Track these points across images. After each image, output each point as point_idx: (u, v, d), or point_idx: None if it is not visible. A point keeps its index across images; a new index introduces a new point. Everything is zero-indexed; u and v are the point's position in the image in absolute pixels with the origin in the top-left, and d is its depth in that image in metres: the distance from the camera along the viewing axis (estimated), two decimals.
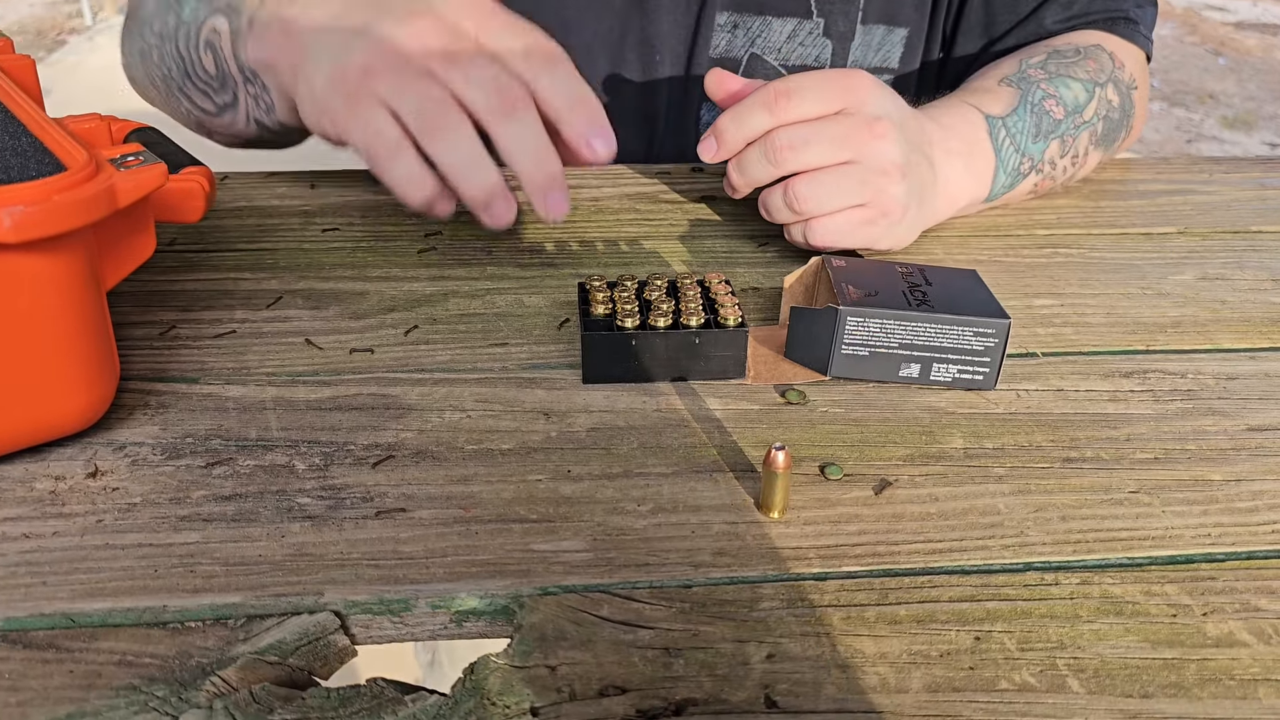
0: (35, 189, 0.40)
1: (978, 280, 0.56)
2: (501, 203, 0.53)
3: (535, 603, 0.39)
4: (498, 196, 0.52)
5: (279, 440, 0.48)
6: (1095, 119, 0.74)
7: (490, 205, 0.52)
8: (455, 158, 0.50)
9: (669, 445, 0.48)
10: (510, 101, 0.50)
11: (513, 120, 0.50)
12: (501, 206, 0.53)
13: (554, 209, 0.53)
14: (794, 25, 0.81)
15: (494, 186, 0.52)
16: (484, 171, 0.51)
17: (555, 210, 0.53)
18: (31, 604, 0.38)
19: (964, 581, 0.41)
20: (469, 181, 0.51)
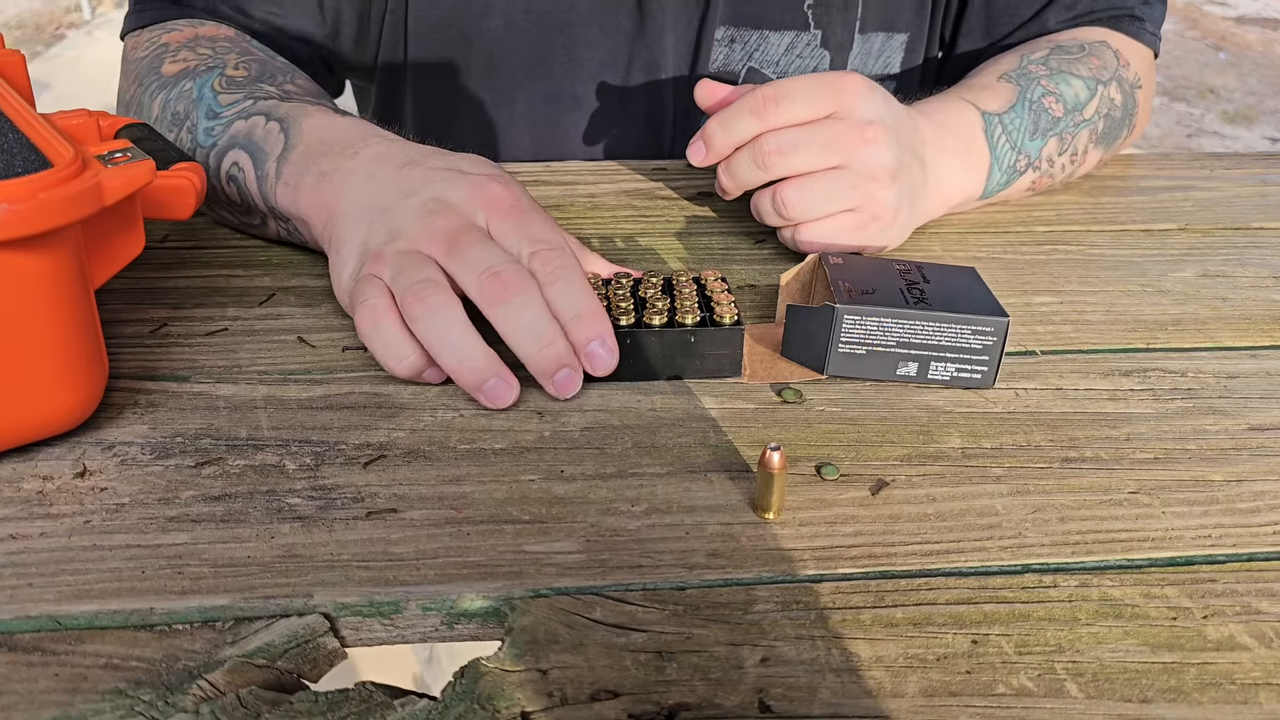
0: (20, 186, 0.40)
1: (976, 278, 0.56)
2: (495, 385, 0.49)
3: (527, 605, 0.39)
4: (485, 376, 0.48)
5: (270, 440, 0.47)
6: (1096, 117, 0.74)
7: (481, 387, 0.49)
8: (434, 331, 0.48)
9: (663, 445, 0.48)
10: (505, 286, 0.48)
11: (507, 304, 0.48)
12: (497, 389, 0.49)
13: (562, 390, 0.50)
14: (791, 38, 0.81)
15: (477, 364, 0.48)
16: (466, 348, 0.48)
17: (564, 390, 0.50)
18: (17, 606, 0.38)
19: (961, 584, 0.40)
20: (449, 357, 0.48)
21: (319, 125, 0.60)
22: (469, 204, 0.52)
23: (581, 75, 0.81)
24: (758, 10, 0.80)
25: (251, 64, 0.68)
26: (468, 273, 0.49)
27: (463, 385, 0.49)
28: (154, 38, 0.73)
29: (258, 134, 0.61)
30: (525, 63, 0.81)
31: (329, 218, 0.56)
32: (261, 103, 0.63)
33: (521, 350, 0.49)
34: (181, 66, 0.68)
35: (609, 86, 0.82)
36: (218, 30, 0.73)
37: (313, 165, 0.58)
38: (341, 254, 0.54)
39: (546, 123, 0.83)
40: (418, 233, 0.51)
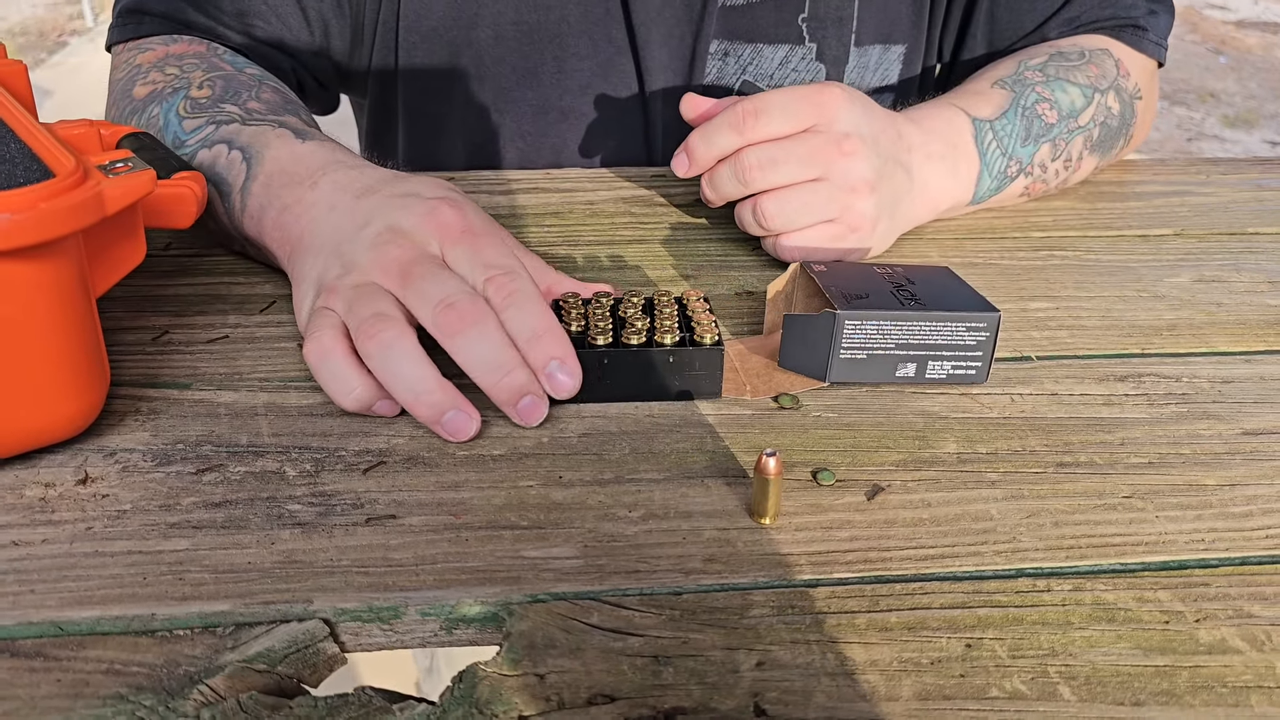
0: (22, 196, 0.40)
1: (954, 276, 0.56)
2: (454, 417, 0.47)
3: (525, 610, 0.39)
4: (443, 409, 0.47)
5: (270, 446, 0.48)
6: (1091, 124, 0.74)
7: (440, 421, 0.47)
8: (388, 367, 0.47)
9: (661, 451, 0.48)
10: (461, 317, 0.47)
11: (464, 335, 0.47)
12: (455, 421, 0.47)
13: (526, 418, 0.48)
14: (786, 51, 0.81)
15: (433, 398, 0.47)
16: (421, 381, 0.47)
17: (528, 418, 0.48)
18: (19, 612, 0.38)
19: (955, 588, 0.41)
20: (405, 391, 0.47)
21: (279, 155, 0.60)
22: (421, 231, 0.52)
23: (571, 87, 0.82)
24: (751, 24, 0.80)
25: (216, 81, 0.67)
26: (423, 305, 0.49)
27: (421, 420, 0.48)
28: (130, 57, 0.73)
29: (220, 165, 0.61)
30: (515, 73, 0.81)
31: (291, 251, 0.56)
32: (223, 128, 0.63)
33: (482, 382, 0.48)
34: (150, 89, 0.68)
35: (599, 98, 0.82)
36: (188, 47, 0.72)
37: (275, 199, 0.58)
38: (300, 288, 0.54)
39: (535, 134, 0.84)
40: (370, 264, 0.51)
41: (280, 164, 0.59)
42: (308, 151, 0.60)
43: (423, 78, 0.82)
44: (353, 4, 0.79)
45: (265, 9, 0.75)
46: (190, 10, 0.74)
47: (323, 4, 0.77)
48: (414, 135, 0.86)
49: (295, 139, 0.61)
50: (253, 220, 0.59)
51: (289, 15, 0.76)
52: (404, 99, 0.84)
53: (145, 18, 0.74)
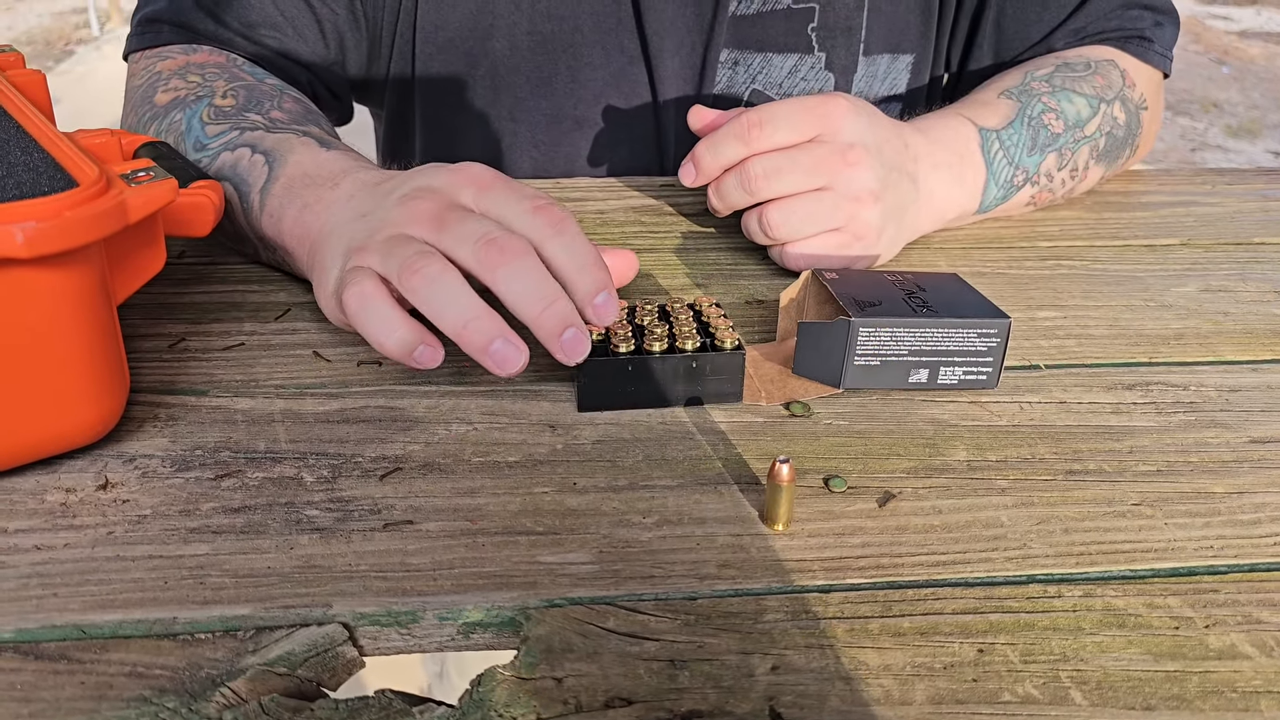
0: (47, 205, 0.41)
1: (963, 283, 0.57)
2: (501, 347, 0.46)
3: (542, 615, 0.39)
4: (492, 336, 0.46)
5: (287, 452, 0.48)
6: (1097, 134, 0.75)
7: (488, 349, 0.46)
8: (436, 298, 0.46)
9: (674, 457, 0.48)
10: (502, 250, 0.47)
11: (507, 268, 0.46)
12: (504, 352, 0.46)
13: (571, 351, 0.47)
14: (795, 60, 0.82)
15: (482, 324, 0.46)
16: (470, 309, 0.46)
17: (573, 353, 0.47)
18: (43, 615, 0.39)
19: (967, 594, 0.41)
20: (454, 319, 0.46)
21: (302, 159, 0.60)
22: (452, 185, 0.51)
23: (585, 96, 0.83)
24: (761, 34, 0.81)
25: (239, 91, 0.68)
26: (461, 244, 0.48)
27: (468, 348, 0.46)
28: (149, 65, 0.74)
29: (242, 166, 0.62)
30: (529, 83, 0.82)
31: (312, 246, 0.56)
32: (247, 134, 0.64)
33: (525, 313, 0.47)
34: (172, 96, 0.69)
35: (612, 107, 0.83)
36: (209, 57, 0.73)
37: (295, 197, 0.58)
38: (325, 267, 0.53)
39: (549, 143, 0.84)
40: (401, 218, 0.50)
41: (303, 167, 0.60)
42: (331, 158, 0.60)
43: (439, 88, 0.83)
44: (369, 17, 0.80)
45: (282, 21, 0.76)
46: (209, 21, 0.75)
47: (339, 17, 0.78)
48: (431, 145, 0.86)
49: (319, 146, 0.62)
50: (271, 220, 0.60)
51: (305, 28, 0.77)
52: (421, 109, 0.85)
53: (165, 27, 0.75)
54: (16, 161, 0.45)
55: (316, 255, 0.55)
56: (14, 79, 0.58)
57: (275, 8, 0.76)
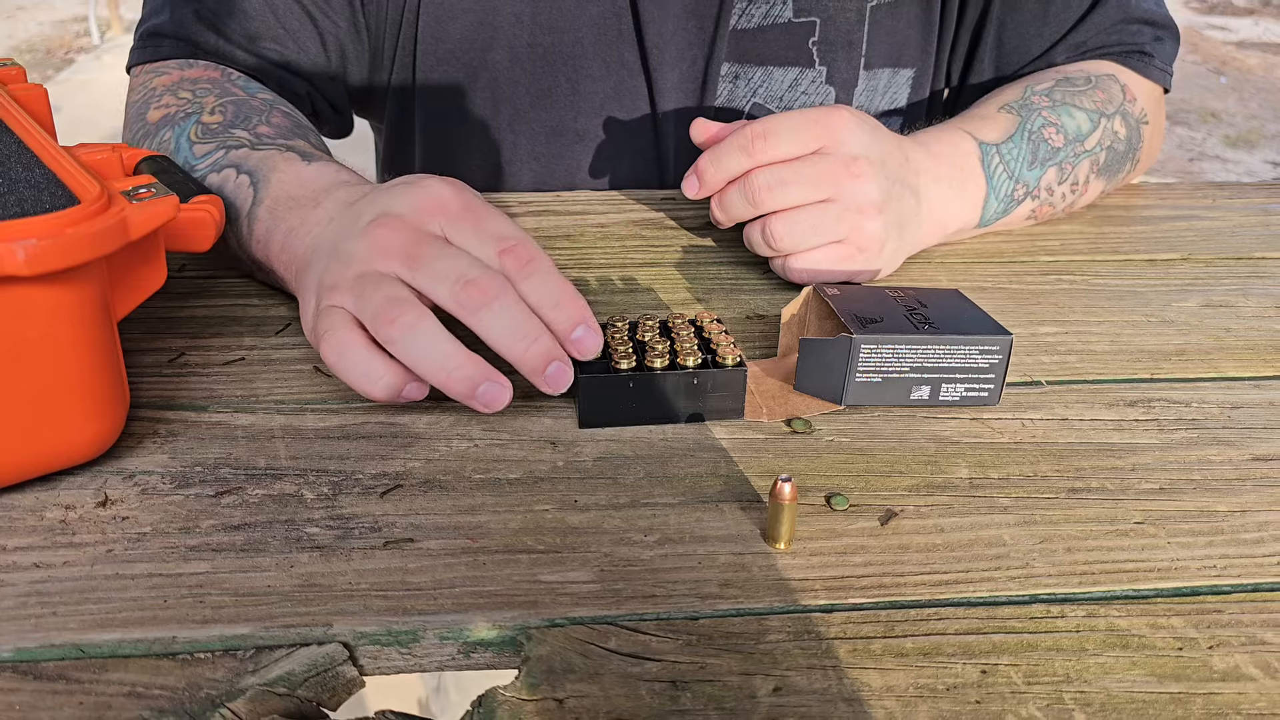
0: (48, 222, 0.41)
1: (965, 299, 0.57)
2: (489, 389, 0.47)
3: (543, 634, 0.39)
4: (477, 382, 0.47)
5: (288, 469, 0.48)
6: (1098, 148, 0.75)
7: (475, 395, 0.47)
8: (415, 349, 0.46)
9: (675, 475, 0.48)
10: (481, 292, 0.47)
11: (488, 309, 0.47)
12: (490, 393, 0.47)
13: (555, 384, 0.48)
14: (796, 74, 0.82)
15: (465, 372, 0.47)
16: (451, 358, 0.46)
17: (558, 386, 0.48)
18: (42, 634, 0.39)
19: (970, 614, 0.41)
20: (436, 371, 0.46)
21: (285, 179, 0.60)
22: (418, 212, 0.51)
23: (585, 108, 0.83)
24: (762, 47, 0.81)
25: (228, 107, 0.68)
26: (438, 284, 0.48)
27: (455, 396, 0.47)
28: (146, 80, 0.74)
29: (229, 189, 0.62)
30: (529, 95, 0.82)
31: (297, 271, 0.57)
32: (233, 153, 0.63)
33: (510, 352, 0.47)
34: (163, 114, 0.69)
35: (612, 120, 0.83)
36: (203, 72, 0.73)
37: (280, 222, 0.58)
38: (304, 298, 0.54)
39: (550, 155, 0.84)
40: (369, 251, 0.49)
41: (285, 188, 0.60)
42: (313, 174, 0.60)
43: (440, 100, 0.83)
44: (371, 29, 0.80)
45: (283, 33, 0.76)
46: (210, 34, 0.75)
47: (340, 30, 0.78)
48: (431, 157, 0.86)
49: (301, 161, 0.62)
50: (260, 245, 0.60)
51: (307, 40, 0.77)
52: (421, 121, 0.85)
53: (164, 41, 0.75)
54: (18, 178, 0.45)
55: (299, 282, 0.56)
56: (15, 93, 0.58)
57: (276, 20, 0.76)
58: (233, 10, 0.75)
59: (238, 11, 0.75)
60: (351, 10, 0.78)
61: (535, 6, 0.79)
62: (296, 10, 0.76)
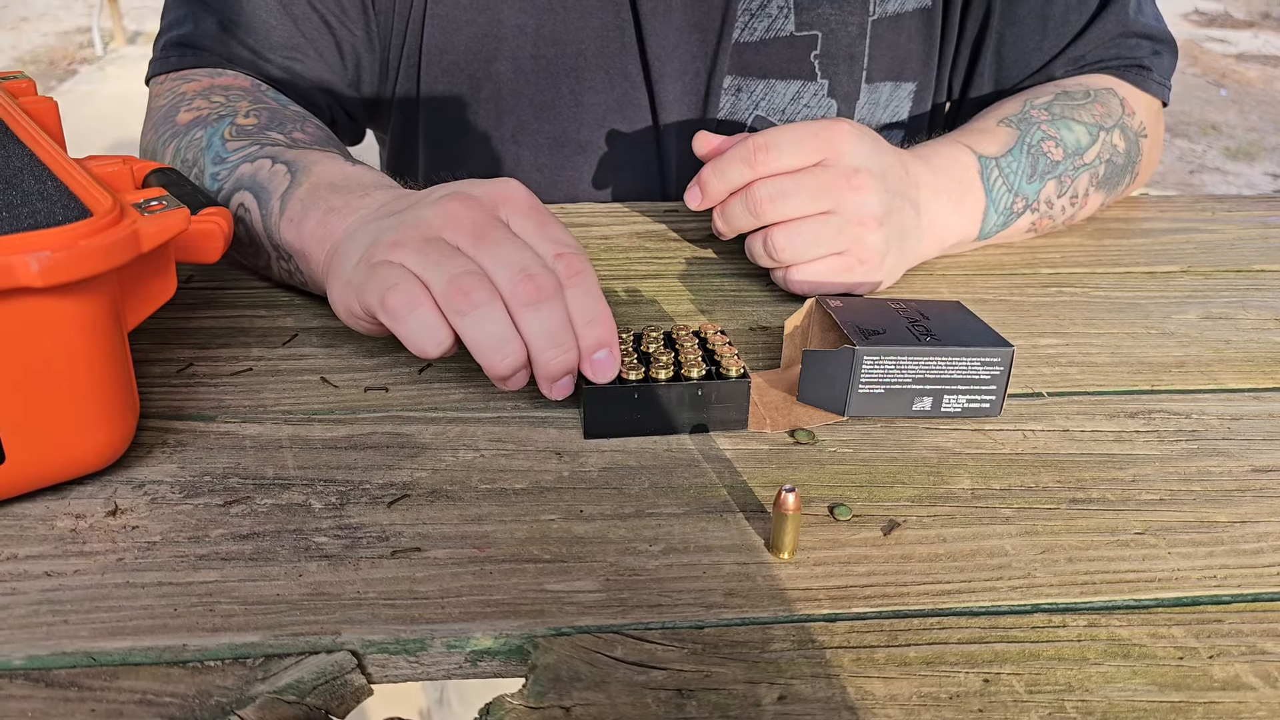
0: (61, 234, 0.41)
1: (967, 311, 0.57)
2: (523, 375, 0.50)
3: (549, 643, 0.40)
4: (517, 367, 0.49)
5: (296, 479, 0.48)
6: (1097, 162, 0.75)
7: (509, 378, 0.50)
8: (483, 336, 0.48)
9: (679, 485, 0.49)
10: (538, 289, 0.49)
11: (536, 309, 0.49)
12: (521, 378, 0.50)
13: (560, 394, 0.51)
14: (798, 87, 0.83)
15: (513, 359, 0.49)
16: (511, 353, 0.49)
17: (561, 394, 0.51)
18: (53, 642, 0.39)
19: (972, 623, 0.41)
20: (494, 360, 0.49)
21: (328, 170, 0.61)
22: (491, 198, 0.52)
23: (588, 120, 0.83)
24: (764, 61, 0.82)
25: (262, 112, 0.69)
26: (500, 268, 0.49)
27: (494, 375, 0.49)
28: (174, 86, 0.75)
29: (263, 175, 0.62)
30: (532, 106, 0.83)
31: (334, 245, 0.57)
32: (268, 148, 0.65)
33: (539, 354, 0.49)
34: (194, 115, 0.70)
35: (615, 132, 0.84)
36: (234, 80, 0.75)
37: (320, 201, 0.59)
38: (344, 256, 0.54)
39: (552, 166, 0.85)
40: (440, 219, 0.51)
41: (328, 176, 0.60)
42: (359, 171, 0.61)
43: (444, 110, 0.83)
44: (381, 38, 0.81)
45: (304, 43, 0.77)
46: (232, 44, 0.76)
47: (357, 39, 0.79)
48: (434, 167, 0.87)
49: (345, 160, 0.63)
50: (291, 224, 0.60)
51: (326, 50, 0.78)
52: (425, 131, 0.85)
53: (189, 50, 0.76)
54: (30, 190, 0.45)
55: (337, 251, 0.56)
56: (26, 106, 0.59)
57: (298, 30, 0.77)
58: (255, 21, 0.76)
59: (260, 22, 0.76)
60: (366, 19, 0.79)
61: (539, 19, 0.80)
62: (315, 19, 0.77)
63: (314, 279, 0.60)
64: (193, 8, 0.77)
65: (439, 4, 0.79)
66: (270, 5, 0.76)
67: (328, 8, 0.77)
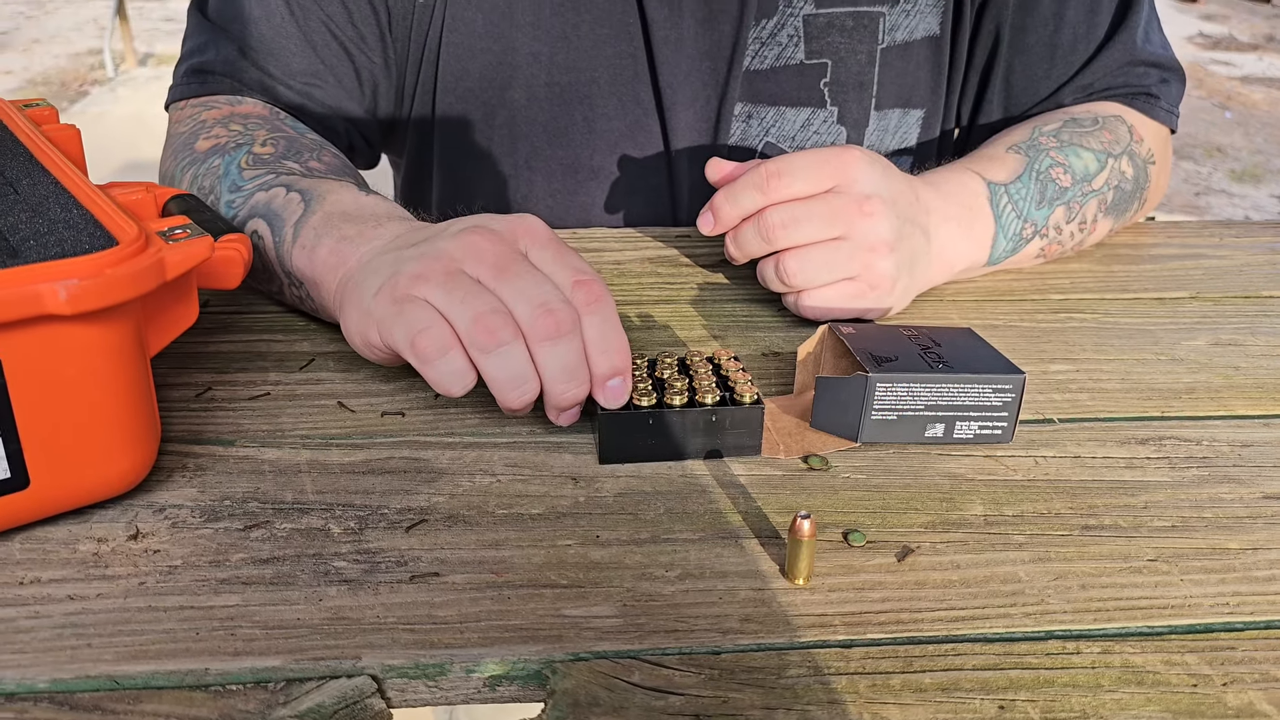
0: (89, 263, 0.42)
1: (977, 338, 0.58)
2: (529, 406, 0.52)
3: (568, 668, 0.40)
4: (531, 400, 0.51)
5: (314, 503, 0.49)
6: (1105, 188, 0.76)
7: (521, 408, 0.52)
8: (505, 374, 0.50)
9: (694, 511, 0.49)
10: (556, 325, 0.50)
11: (554, 344, 0.50)
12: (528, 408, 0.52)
13: (566, 421, 0.53)
14: (808, 114, 0.84)
15: (530, 397, 0.51)
16: (529, 390, 0.51)
17: (567, 422, 0.53)
18: (77, 666, 0.40)
19: (987, 649, 0.42)
20: (511, 396, 0.50)
21: (342, 199, 0.62)
22: (511, 231, 0.53)
23: (600, 146, 0.84)
24: (775, 88, 0.83)
25: (279, 141, 0.70)
26: (521, 302, 0.50)
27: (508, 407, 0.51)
28: (194, 113, 0.76)
29: (277, 202, 0.63)
30: (546, 132, 0.83)
31: (347, 273, 0.57)
32: (283, 176, 0.66)
33: (552, 385, 0.51)
34: (213, 143, 0.71)
35: (627, 157, 0.85)
36: (253, 108, 0.76)
37: (333, 229, 0.60)
38: (360, 285, 0.54)
39: (565, 192, 0.86)
40: (462, 251, 0.52)
41: (342, 205, 0.61)
42: (373, 201, 0.62)
43: (458, 136, 0.84)
44: (398, 65, 0.82)
45: (323, 69, 0.78)
46: (251, 70, 0.77)
47: (374, 65, 0.81)
48: (448, 192, 0.88)
49: (359, 190, 0.64)
50: (304, 251, 0.61)
51: (345, 76, 0.79)
52: (439, 156, 0.86)
53: (210, 77, 0.77)
54: (56, 218, 0.46)
55: (351, 280, 0.56)
56: (49, 134, 0.60)
57: (317, 56, 0.78)
58: (274, 47, 0.77)
59: (279, 49, 0.77)
60: (384, 46, 0.81)
61: (553, 47, 0.81)
62: (334, 46, 0.78)
63: (325, 306, 0.61)
64: (213, 35, 0.78)
65: (455, 32, 0.80)
66: (290, 32, 0.77)
67: (347, 35, 0.79)
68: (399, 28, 0.80)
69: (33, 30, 5.63)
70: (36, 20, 5.82)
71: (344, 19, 0.78)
